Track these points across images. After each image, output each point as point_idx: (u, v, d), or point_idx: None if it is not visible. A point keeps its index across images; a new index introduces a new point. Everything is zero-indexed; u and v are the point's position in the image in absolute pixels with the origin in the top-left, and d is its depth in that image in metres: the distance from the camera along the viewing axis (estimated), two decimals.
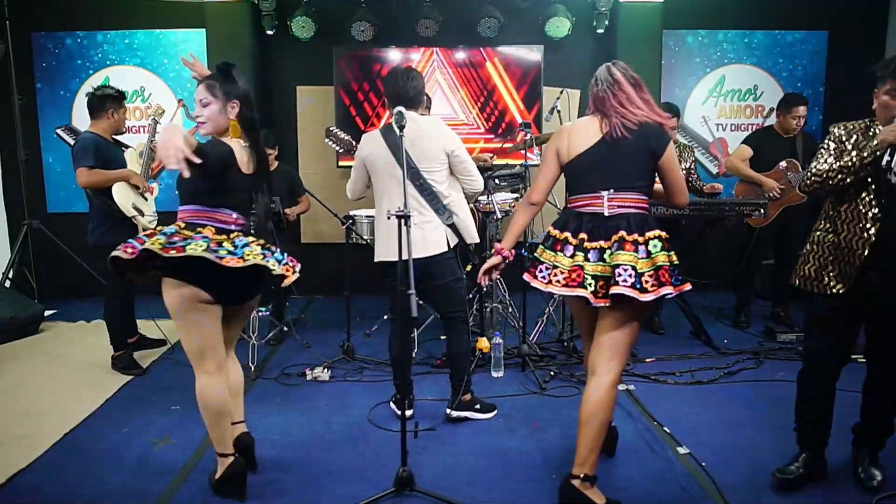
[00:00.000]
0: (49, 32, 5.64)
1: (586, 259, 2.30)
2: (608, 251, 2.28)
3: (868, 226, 2.31)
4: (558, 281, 2.34)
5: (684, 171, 4.48)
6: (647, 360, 4.01)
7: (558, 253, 2.37)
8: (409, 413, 3.16)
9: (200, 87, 2.46)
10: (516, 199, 4.32)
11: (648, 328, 4.64)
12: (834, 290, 2.38)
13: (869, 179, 2.31)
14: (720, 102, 5.83)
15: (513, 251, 2.53)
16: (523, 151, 3.95)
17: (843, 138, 2.41)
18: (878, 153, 2.23)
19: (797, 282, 2.51)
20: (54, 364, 4.06)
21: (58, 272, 5.57)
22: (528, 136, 4.03)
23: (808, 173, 2.44)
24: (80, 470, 2.73)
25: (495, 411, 3.26)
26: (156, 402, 3.44)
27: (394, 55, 5.52)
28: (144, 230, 3.89)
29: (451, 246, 3.05)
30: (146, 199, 3.98)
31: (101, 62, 5.69)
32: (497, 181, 4.15)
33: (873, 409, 2.60)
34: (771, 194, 4.37)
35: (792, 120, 4.39)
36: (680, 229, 4.46)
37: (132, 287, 3.97)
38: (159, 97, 5.70)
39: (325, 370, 3.80)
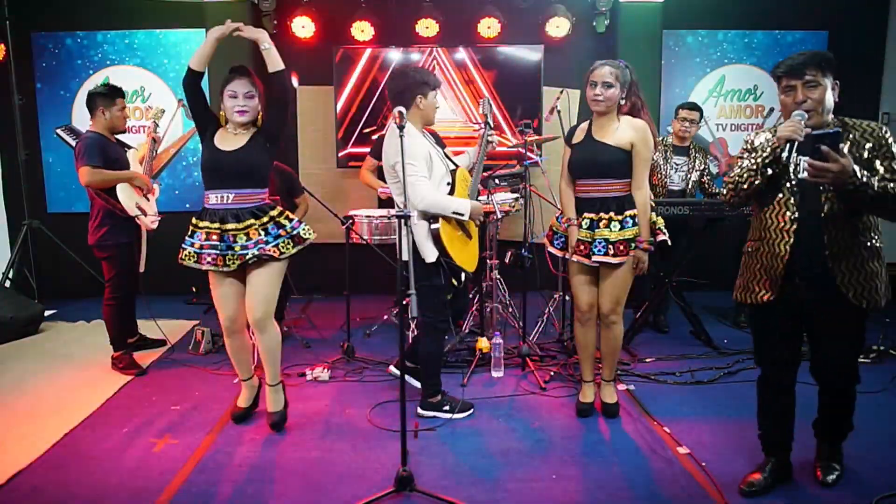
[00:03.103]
0: (49, 32, 5.64)
1: None
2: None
3: (787, 227, 2.30)
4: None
5: (697, 172, 4.53)
6: (647, 360, 4.01)
7: None
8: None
9: (244, 81, 2.95)
10: (516, 198, 4.31)
11: (654, 326, 4.66)
12: (763, 299, 2.37)
13: (784, 181, 2.30)
14: (720, 102, 5.83)
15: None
16: (523, 150, 3.94)
17: (754, 144, 2.41)
18: (777, 151, 2.23)
19: (734, 294, 2.51)
20: (54, 364, 4.06)
21: (58, 272, 5.58)
22: (528, 136, 4.02)
23: (724, 184, 2.46)
24: (80, 470, 2.73)
25: (471, 410, 3.26)
26: (156, 402, 3.44)
27: (394, 55, 5.52)
28: (148, 230, 3.93)
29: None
30: (148, 200, 3.98)
31: (101, 62, 5.70)
32: (497, 181, 4.14)
33: (826, 413, 2.56)
34: None
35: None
36: (687, 229, 4.47)
37: (136, 287, 3.98)
38: (159, 97, 5.70)
39: (325, 370, 3.80)
